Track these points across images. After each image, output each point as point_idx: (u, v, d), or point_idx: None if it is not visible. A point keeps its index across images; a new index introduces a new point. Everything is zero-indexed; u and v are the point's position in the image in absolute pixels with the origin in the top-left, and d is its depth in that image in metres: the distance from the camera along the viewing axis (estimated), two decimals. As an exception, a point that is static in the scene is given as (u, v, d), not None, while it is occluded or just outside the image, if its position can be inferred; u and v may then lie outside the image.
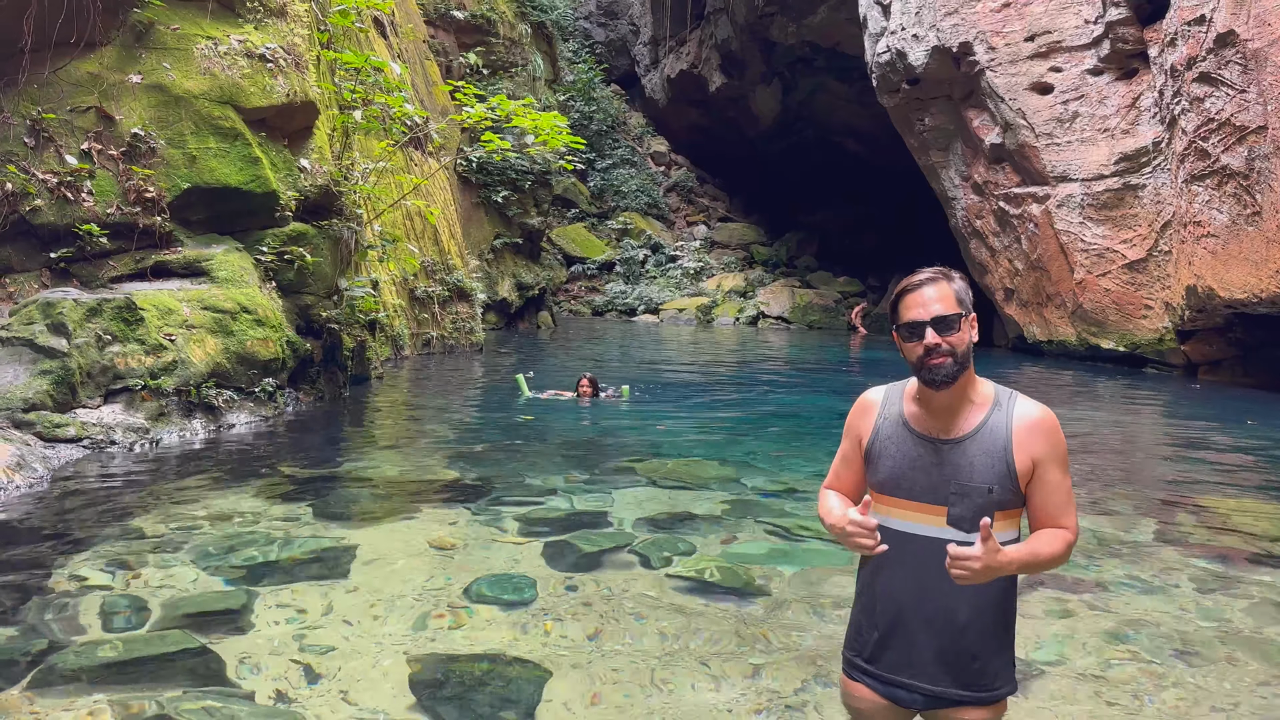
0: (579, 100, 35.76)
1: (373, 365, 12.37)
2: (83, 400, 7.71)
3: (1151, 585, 5.20)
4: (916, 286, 2.34)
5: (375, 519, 6.10)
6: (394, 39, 17.60)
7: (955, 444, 2.36)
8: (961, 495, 2.33)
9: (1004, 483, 2.32)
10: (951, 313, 2.30)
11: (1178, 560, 5.69)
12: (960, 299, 2.34)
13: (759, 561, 5.35)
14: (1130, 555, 5.75)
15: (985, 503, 2.32)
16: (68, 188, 8.47)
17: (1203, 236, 14.74)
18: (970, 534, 2.31)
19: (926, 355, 2.30)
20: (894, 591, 2.42)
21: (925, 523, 2.36)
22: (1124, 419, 12.19)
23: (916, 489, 2.38)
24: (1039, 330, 19.96)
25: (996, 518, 2.32)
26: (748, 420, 11.14)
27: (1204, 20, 13.83)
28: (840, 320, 30.69)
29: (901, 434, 2.43)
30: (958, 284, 2.36)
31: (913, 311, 2.32)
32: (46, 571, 4.82)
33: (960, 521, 2.33)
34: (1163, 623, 4.62)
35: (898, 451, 2.42)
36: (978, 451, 2.34)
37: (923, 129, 21.43)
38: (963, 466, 2.34)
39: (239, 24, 9.56)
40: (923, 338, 2.29)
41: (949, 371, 2.30)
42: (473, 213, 22.28)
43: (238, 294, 8.97)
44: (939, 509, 2.35)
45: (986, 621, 2.37)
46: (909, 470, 2.39)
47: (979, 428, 2.36)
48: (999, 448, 2.33)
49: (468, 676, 3.80)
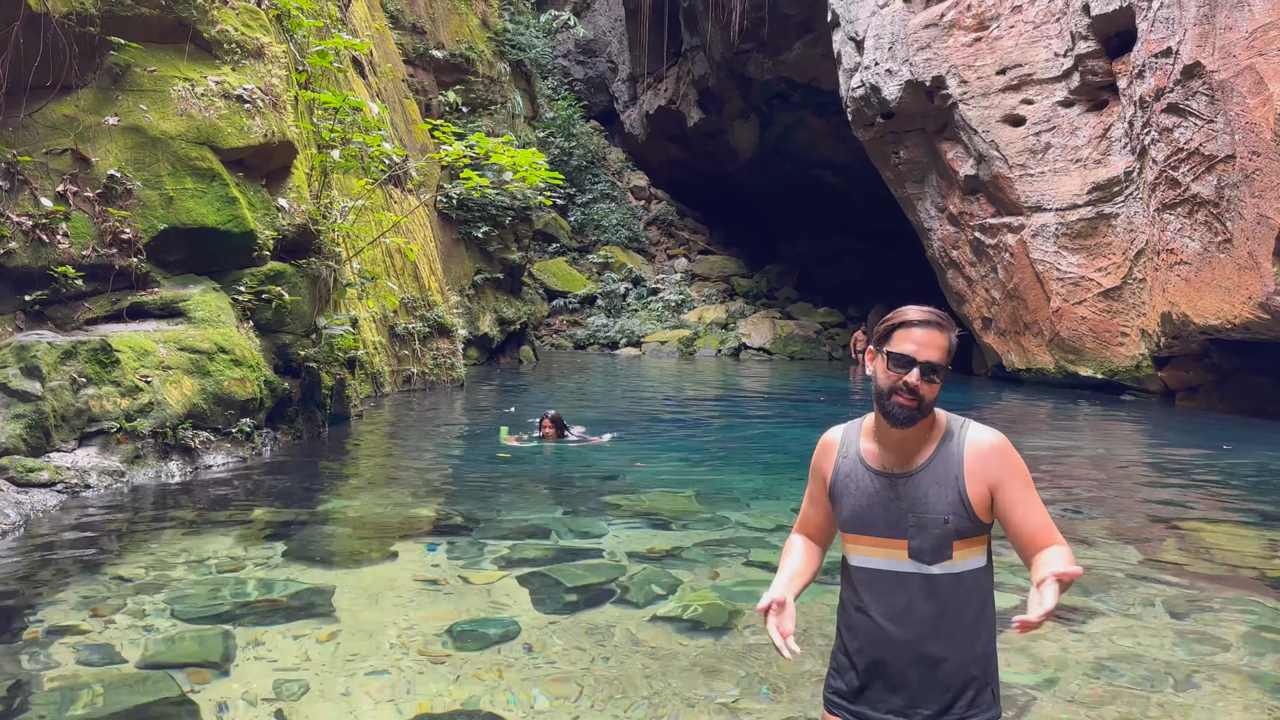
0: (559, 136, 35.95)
1: (352, 403, 12.29)
2: (57, 444, 7.62)
3: (1135, 613, 5.20)
4: (918, 324, 2.34)
5: (355, 561, 6.03)
6: (373, 78, 17.68)
7: (909, 477, 2.38)
8: (919, 527, 2.35)
9: (958, 511, 2.33)
10: (940, 364, 2.32)
11: (1160, 587, 5.70)
12: (950, 352, 2.36)
13: (743, 598, 5.32)
14: (1114, 582, 5.75)
15: (943, 533, 2.33)
16: (43, 230, 8.41)
17: (1176, 264, 14.92)
18: (931, 565, 2.32)
19: (897, 390, 2.32)
20: (868, 627, 2.42)
21: (889, 557, 2.38)
22: (1103, 446, 12.25)
23: (878, 524, 2.40)
24: (1017, 359, 20.09)
25: (956, 547, 2.34)
26: (732, 454, 11.12)
27: (1170, 52, 14.09)
28: (821, 351, 30.79)
29: (859, 471, 2.45)
30: (952, 337, 2.38)
31: (907, 345, 2.32)
32: (19, 618, 4.72)
33: (921, 554, 2.35)
34: (1148, 650, 4.61)
35: (857, 489, 2.44)
36: (931, 482, 2.36)
37: (898, 161, 21.66)
38: (918, 499, 2.36)
39: (216, 65, 9.58)
40: (906, 372, 2.31)
41: (910, 415, 2.32)
42: (453, 249, 22.29)
43: (215, 334, 8.91)
44: (900, 543, 2.37)
45: (962, 651, 2.37)
46: (869, 506, 2.41)
47: (931, 458, 2.38)
48: (951, 477, 2.35)
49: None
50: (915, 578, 2.35)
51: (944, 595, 2.35)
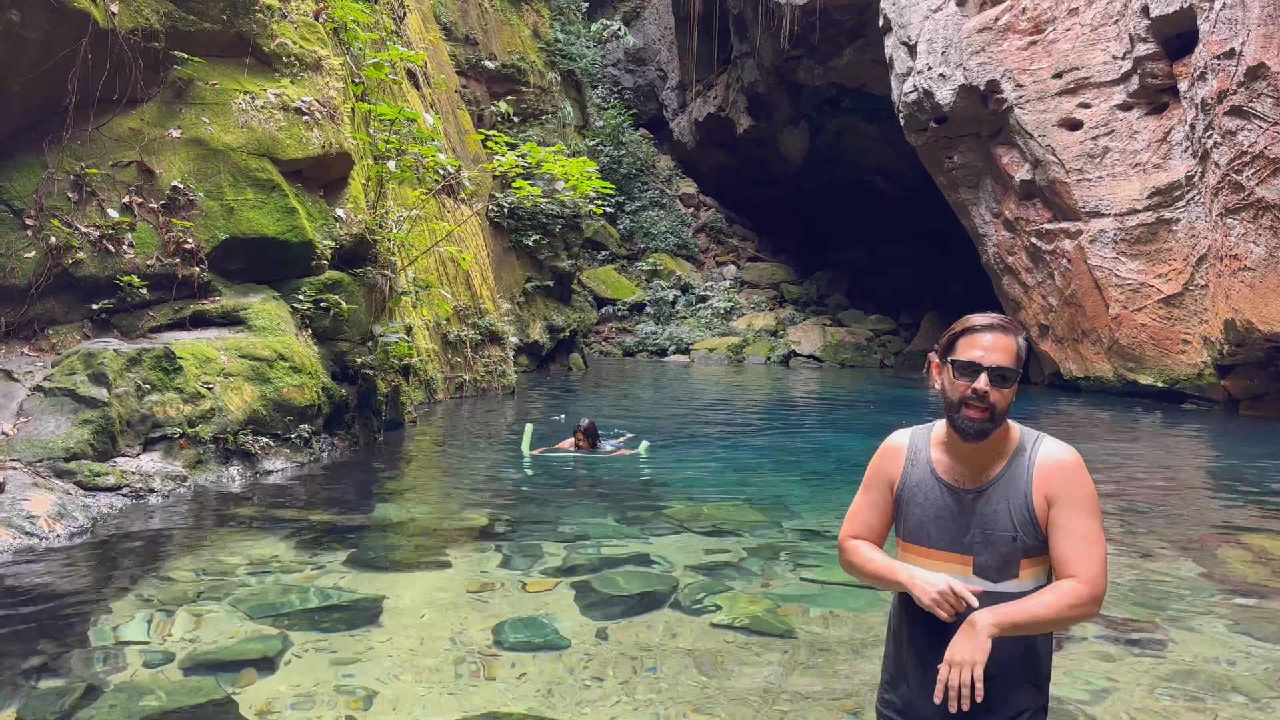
0: (608, 145, 36.10)
1: (406, 410, 12.45)
2: (122, 449, 7.83)
3: (1198, 626, 5.08)
4: (984, 329, 2.30)
5: (409, 566, 6.11)
6: (427, 90, 17.92)
7: (979, 492, 2.34)
8: (986, 544, 2.31)
9: (1027, 529, 2.29)
10: (1010, 367, 2.28)
11: (1223, 600, 5.56)
12: (1020, 356, 2.30)
13: (795, 605, 5.30)
14: (1173, 595, 5.62)
15: (1010, 550, 2.29)
16: (109, 240, 8.66)
17: (1239, 270, 14.56)
18: (997, 583, 2.29)
19: (967, 401, 2.28)
20: (925, 640, 2.39)
21: (951, 572, 2.33)
22: (1165, 456, 11.98)
23: (944, 538, 2.36)
24: (1075, 367, 19.73)
25: (1022, 565, 2.30)
26: (783, 462, 11.07)
27: (1234, 54, 13.76)
28: (872, 358, 30.49)
29: (929, 482, 2.41)
30: (1021, 341, 2.32)
31: (973, 352, 2.28)
32: (87, 620, 4.87)
33: (986, 570, 2.31)
34: (1210, 664, 4.50)
35: (925, 500, 2.40)
36: (1000, 498, 2.32)
37: (951, 167, 21.42)
38: (986, 514, 2.32)
39: (275, 78, 9.79)
40: (975, 379, 2.27)
41: (982, 429, 2.28)
42: (504, 257, 22.49)
43: (274, 342, 9.10)
44: (964, 558, 2.33)
45: (1017, 671, 2.34)
46: (934, 519, 2.37)
47: (1002, 474, 2.34)
48: (1020, 493, 2.31)
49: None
50: (979, 595, 2.29)
51: None
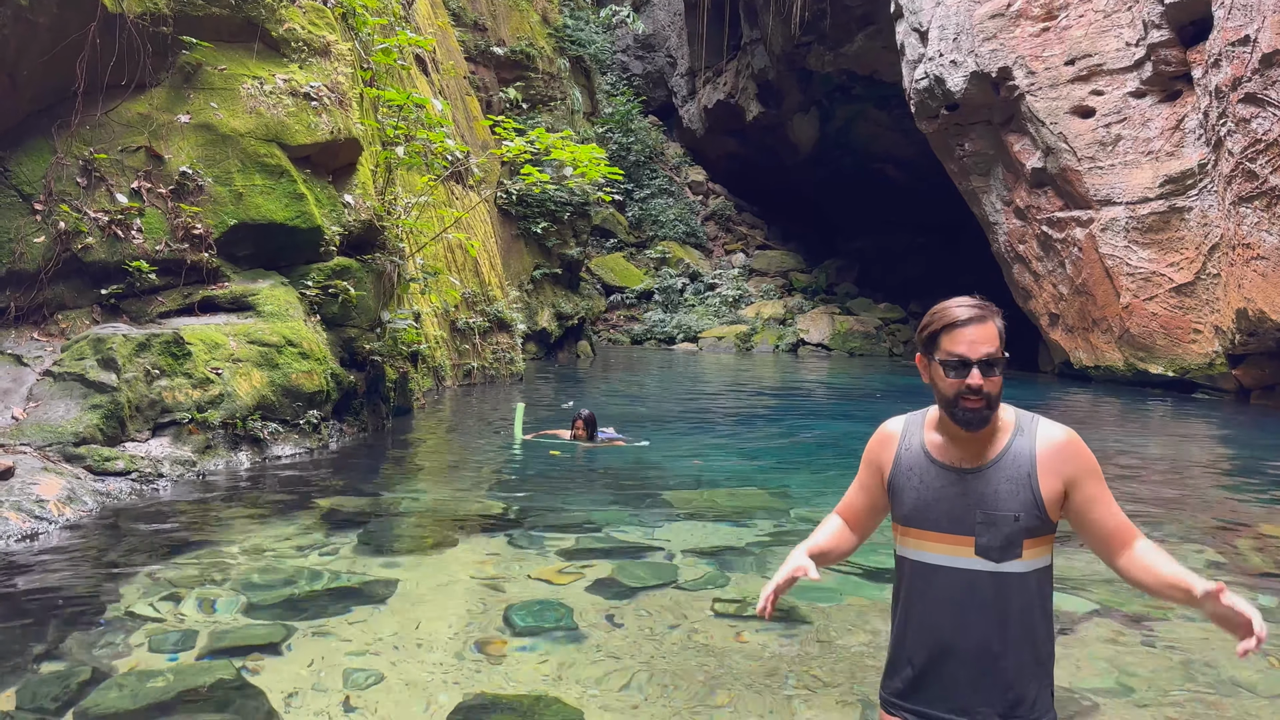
0: (617, 132, 36.03)
1: (415, 397, 12.46)
2: (131, 434, 7.85)
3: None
4: (965, 323, 2.30)
5: (417, 551, 6.12)
6: (435, 76, 17.88)
7: (978, 472, 2.35)
8: (988, 524, 2.31)
9: (1030, 510, 2.30)
10: (996, 354, 2.29)
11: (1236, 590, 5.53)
12: (1002, 337, 2.32)
13: (802, 594, 5.29)
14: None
15: (1012, 531, 2.30)
16: (118, 226, 8.66)
17: (1252, 259, 14.46)
18: (1000, 563, 2.29)
19: (963, 395, 2.29)
20: (926, 625, 2.39)
21: (952, 554, 2.34)
22: (1175, 445, 11.92)
23: (942, 520, 2.36)
24: (1085, 356, 19.65)
25: (1025, 545, 2.31)
26: (790, 450, 11.05)
27: (1249, 40, 13.64)
28: (881, 347, 30.42)
29: (924, 464, 2.41)
30: (999, 322, 2.33)
31: (960, 347, 2.29)
32: (95, 604, 4.88)
33: (989, 551, 2.31)
34: (1218, 654, 4.48)
35: (920, 483, 2.40)
36: (1002, 479, 2.32)
37: (962, 154, 21.31)
38: (987, 495, 2.32)
39: (284, 64, 9.77)
40: (966, 375, 2.27)
41: (982, 417, 2.30)
42: (512, 244, 22.47)
43: (283, 327, 9.10)
44: (966, 539, 2.33)
45: (1022, 651, 2.33)
46: (933, 501, 2.38)
47: (1001, 454, 2.34)
48: (1023, 474, 2.31)
49: (510, 715, 3.78)
50: (982, 575, 2.31)
51: (1011, 594, 2.31)
